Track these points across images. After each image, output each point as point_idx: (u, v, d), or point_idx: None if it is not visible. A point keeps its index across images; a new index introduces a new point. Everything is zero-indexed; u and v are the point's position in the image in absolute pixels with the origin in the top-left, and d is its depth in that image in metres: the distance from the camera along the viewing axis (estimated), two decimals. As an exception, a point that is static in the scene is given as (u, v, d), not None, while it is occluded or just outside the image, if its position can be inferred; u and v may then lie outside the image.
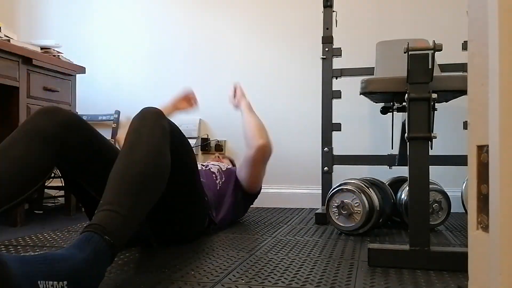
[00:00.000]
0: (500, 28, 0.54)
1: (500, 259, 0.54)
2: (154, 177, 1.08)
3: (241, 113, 2.00)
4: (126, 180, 1.02)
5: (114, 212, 0.95)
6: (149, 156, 1.09)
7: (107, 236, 0.90)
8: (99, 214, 0.95)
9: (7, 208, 1.07)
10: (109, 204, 0.96)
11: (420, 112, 1.26)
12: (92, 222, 0.92)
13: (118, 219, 0.95)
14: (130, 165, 1.05)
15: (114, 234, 0.92)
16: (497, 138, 0.55)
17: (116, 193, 0.99)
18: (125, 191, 1.00)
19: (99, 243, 0.89)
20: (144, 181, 1.04)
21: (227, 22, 2.79)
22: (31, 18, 3.07)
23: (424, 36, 2.15)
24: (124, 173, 1.04)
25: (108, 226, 0.92)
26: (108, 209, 0.95)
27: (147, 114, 1.20)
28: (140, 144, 1.11)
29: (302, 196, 2.62)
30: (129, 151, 1.09)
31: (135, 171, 1.04)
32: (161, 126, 1.18)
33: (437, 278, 1.12)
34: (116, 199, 0.98)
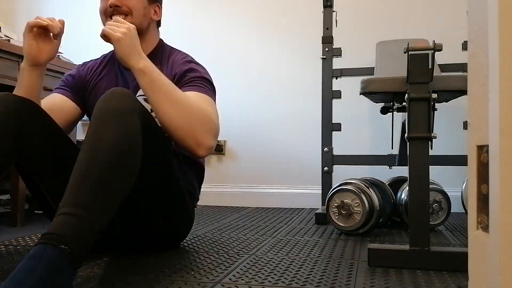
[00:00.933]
0: (500, 28, 0.54)
1: (500, 259, 0.54)
2: (119, 170, 0.96)
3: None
4: (87, 174, 0.92)
5: (71, 216, 0.86)
6: (114, 143, 0.96)
7: (63, 245, 0.82)
8: (55, 219, 0.86)
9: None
10: (67, 207, 0.88)
11: (420, 112, 1.26)
12: (47, 231, 0.84)
13: (75, 222, 0.86)
14: (92, 155, 0.94)
15: (72, 241, 0.83)
16: (497, 138, 0.55)
17: (75, 193, 0.90)
18: (85, 188, 0.90)
19: (53, 256, 0.80)
20: (108, 173, 0.93)
21: (227, 22, 2.79)
22: (31, 18, 3.06)
23: (424, 36, 2.15)
24: (84, 168, 0.93)
25: (64, 233, 0.83)
26: (65, 213, 0.87)
27: (113, 93, 1.04)
28: (104, 128, 0.98)
29: (302, 196, 2.62)
30: (92, 138, 0.97)
31: (97, 162, 0.93)
32: (129, 103, 1.04)
33: (437, 278, 1.12)
34: (74, 200, 0.89)
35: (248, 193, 2.69)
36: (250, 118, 2.73)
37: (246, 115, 2.74)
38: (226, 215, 2.25)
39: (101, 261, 1.27)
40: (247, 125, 2.73)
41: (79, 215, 0.87)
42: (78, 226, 0.86)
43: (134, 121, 1.02)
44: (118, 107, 1.01)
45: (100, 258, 1.30)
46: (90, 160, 0.94)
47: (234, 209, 2.52)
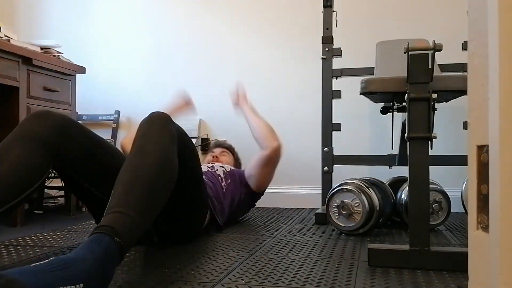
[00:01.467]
0: (500, 28, 0.54)
1: (500, 259, 0.54)
2: (163, 180, 1.10)
3: (244, 115, 2.05)
4: (136, 183, 1.03)
5: (124, 214, 0.96)
6: (158, 160, 1.10)
7: (117, 237, 0.91)
8: (109, 216, 0.96)
9: (1, 212, 1.09)
10: (119, 206, 0.98)
11: (420, 112, 1.26)
12: (102, 224, 0.93)
13: (127, 221, 0.96)
14: (139, 168, 1.07)
15: (123, 236, 0.93)
16: (497, 138, 0.55)
17: (125, 196, 1.01)
18: (134, 194, 1.01)
19: (109, 244, 0.90)
20: (153, 184, 1.06)
21: (227, 22, 2.79)
22: (31, 18, 3.07)
23: (424, 36, 2.15)
24: (133, 176, 1.05)
25: (118, 228, 0.93)
26: (118, 211, 0.96)
27: (156, 118, 1.21)
28: (149, 148, 1.12)
29: (302, 196, 2.62)
30: (138, 155, 1.11)
31: (144, 175, 1.05)
32: (169, 130, 1.20)
33: (437, 278, 1.12)
34: (125, 202, 0.99)
35: (248, 193, 2.68)
36: (250, 118, 2.73)
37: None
38: (226, 215, 2.25)
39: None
40: (247, 125, 2.72)
41: (131, 215, 0.97)
42: (129, 225, 0.96)
43: (170, 144, 1.18)
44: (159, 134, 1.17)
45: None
46: (138, 169, 1.07)
47: (234, 209, 2.52)
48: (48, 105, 2.14)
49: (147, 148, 1.12)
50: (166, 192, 1.12)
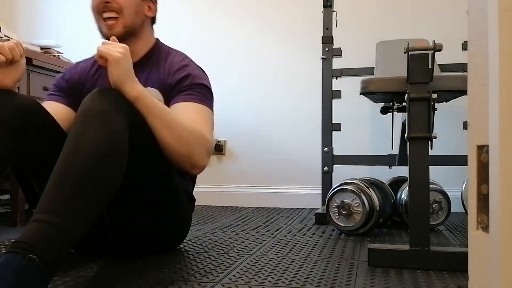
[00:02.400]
0: (500, 28, 0.54)
1: (500, 259, 0.54)
2: (102, 169, 0.92)
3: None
4: (64, 177, 0.88)
5: (43, 223, 0.83)
6: (96, 143, 0.92)
7: (31, 253, 0.78)
8: (28, 227, 0.83)
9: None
10: (41, 213, 0.84)
11: (420, 112, 1.26)
12: (17, 239, 0.81)
13: (48, 230, 0.82)
14: (71, 158, 0.91)
15: (42, 248, 0.80)
16: (497, 138, 0.55)
17: (50, 199, 0.86)
18: (61, 192, 0.87)
19: (21, 265, 0.77)
20: (87, 175, 0.89)
21: (227, 22, 2.79)
22: (31, 18, 3.07)
23: (424, 36, 2.15)
24: (63, 168, 0.90)
25: (35, 241, 0.80)
26: (38, 220, 0.83)
27: (98, 92, 1.01)
28: (86, 128, 0.94)
29: (302, 196, 2.62)
30: (72, 139, 0.93)
31: (76, 164, 0.89)
32: (113, 101, 1.00)
33: (437, 278, 1.12)
34: (49, 206, 0.86)
35: (248, 193, 2.69)
36: (250, 118, 2.73)
37: (246, 115, 2.74)
38: (226, 215, 2.25)
39: (101, 261, 1.27)
40: (247, 125, 2.73)
41: (53, 222, 0.83)
42: (51, 234, 0.82)
43: (119, 121, 0.98)
44: (101, 107, 0.97)
45: (100, 258, 1.30)
46: (67, 164, 0.90)
47: (234, 209, 2.52)
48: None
49: (82, 129, 0.94)
50: (108, 183, 0.94)
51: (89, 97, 1.00)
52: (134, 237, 1.27)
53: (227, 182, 2.74)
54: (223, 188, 2.73)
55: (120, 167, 0.97)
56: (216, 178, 2.74)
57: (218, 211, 2.41)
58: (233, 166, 2.74)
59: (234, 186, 2.73)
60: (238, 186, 2.72)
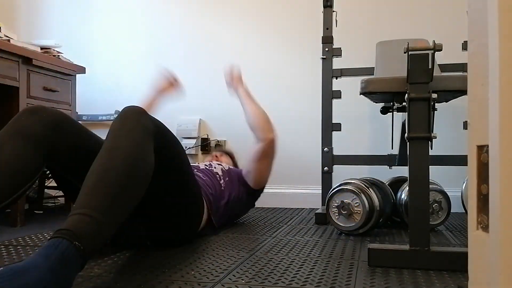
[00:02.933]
0: (500, 28, 0.54)
1: (500, 259, 0.54)
2: (133, 179, 1.03)
3: (239, 98, 1.97)
4: (102, 182, 0.97)
5: (87, 216, 0.90)
6: (128, 157, 1.04)
7: (77, 241, 0.85)
8: (70, 218, 0.90)
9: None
10: (82, 208, 0.92)
11: (420, 112, 1.26)
12: (62, 227, 0.88)
13: (90, 223, 0.90)
14: (108, 167, 1.00)
15: (85, 239, 0.87)
16: (497, 138, 0.55)
17: (90, 196, 0.95)
18: (100, 193, 0.95)
19: (67, 249, 0.84)
20: (121, 183, 0.99)
21: (227, 22, 2.79)
22: (31, 18, 3.07)
23: (424, 36, 2.15)
24: (101, 175, 0.99)
25: (78, 230, 0.87)
26: (80, 213, 0.91)
27: (128, 113, 1.15)
28: (119, 144, 1.06)
29: (302, 196, 2.62)
30: (108, 152, 1.04)
31: (112, 173, 0.99)
32: (143, 125, 1.13)
33: (437, 278, 1.12)
34: (89, 202, 0.93)
35: (248, 193, 2.68)
36: (250, 118, 2.73)
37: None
38: (226, 215, 2.25)
39: (102, 261, 1.27)
40: (247, 125, 2.72)
41: (94, 216, 0.91)
42: (93, 227, 0.90)
43: (146, 141, 1.12)
44: (132, 129, 1.11)
45: (100, 258, 1.30)
46: (107, 167, 1.00)
47: (234, 209, 2.51)
48: (48, 105, 2.13)
49: (117, 145, 1.05)
50: (137, 190, 1.05)
51: (118, 115, 1.15)
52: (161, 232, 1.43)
53: (227, 182, 2.74)
54: (223, 188, 2.73)
55: (148, 174, 1.09)
56: (216, 178, 2.73)
57: (218, 211, 2.40)
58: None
59: (234, 186, 2.72)
60: (238, 186, 2.72)
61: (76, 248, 0.85)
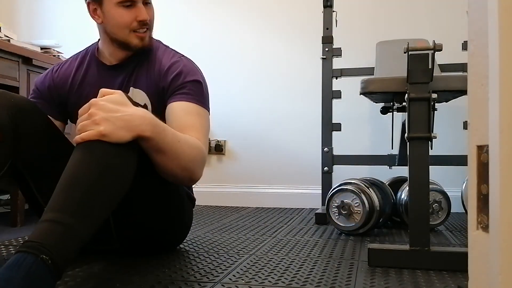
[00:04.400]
0: (500, 28, 0.54)
1: (500, 259, 0.54)
2: (113, 174, 0.92)
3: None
4: (77, 180, 0.88)
5: (56, 223, 0.82)
6: (107, 150, 0.92)
7: (44, 254, 0.78)
8: (39, 226, 0.82)
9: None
10: (52, 212, 0.84)
11: (420, 112, 1.26)
12: (28, 239, 0.81)
13: (60, 230, 0.81)
14: (83, 161, 0.90)
15: (54, 250, 0.79)
16: (497, 138, 0.55)
17: (63, 197, 0.86)
18: (74, 193, 0.86)
19: (33, 265, 0.77)
20: (99, 180, 0.89)
21: (227, 21, 2.79)
22: (31, 18, 3.07)
23: (424, 36, 2.15)
24: (75, 171, 0.89)
25: (46, 241, 0.79)
26: (50, 219, 0.83)
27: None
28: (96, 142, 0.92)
29: (302, 196, 2.62)
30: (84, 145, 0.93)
31: (88, 168, 0.89)
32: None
33: (437, 278, 1.12)
34: (61, 206, 0.85)
35: (248, 193, 2.69)
36: (250, 118, 2.73)
37: (246, 115, 2.74)
38: (226, 215, 2.25)
39: (101, 261, 1.27)
40: (247, 125, 2.73)
41: (65, 222, 0.83)
42: (63, 235, 0.82)
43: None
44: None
45: (100, 259, 1.30)
46: (81, 166, 0.90)
47: (234, 209, 2.52)
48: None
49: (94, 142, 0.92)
50: (117, 188, 0.94)
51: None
52: (136, 237, 1.27)
53: (227, 182, 2.74)
54: (223, 188, 2.73)
55: (128, 177, 0.97)
56: (216, 178, 2.74)
57: (218, 211, 2.41)
58: (233, 166, 2.74)
59: (234, 186, 2.73)
60: (238, 186, 2.72)
61: (44, 262, 0.78)
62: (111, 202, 0.94)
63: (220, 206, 2.62)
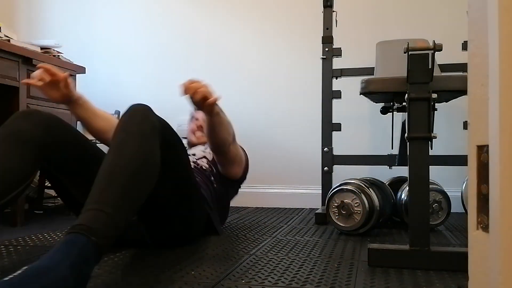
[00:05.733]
0: (500, 28, 0.54)
1: (500, 259, 0.54)
2: (143, 175, 1.05)
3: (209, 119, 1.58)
4: (113, 178, 0.99)
5: (100, 211, 0.92)
6: (137, 154, 1.05)
7: (93, 236, 0.88)
8: (84, 214, 0.92)
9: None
10: (95, 203, 0.94)
11: (420, 112, 1.26)
12: (77, 223, 0.89)
13: (104, 218, 0.92)
14: (118, 163, 1.02)
15: (100, 234, 0.89)
16: (497, 138, 0.55)
17: (102, 192, 0.97)
18: (111, 189, 0.97)
19: (85, 245, 0.86)
20: (131, 179, 1.01)
21: (227, 22, 2.79)
22: (31, 18, 3.07)
23: (424, 36, 2.15)
24: (111, 171, 1.01)
25: (93, 226, 0.89)
26: (94, 208, 0.93)
27: (136, 111, 1.15)
28: (128, 141, 1.07)
29: (302, 196, 2.62)
30: (117, 149, 1.06)
31: (122, 169, 1.01)
32: (150, 122, 1.14)
33: (437, 278, 1.12)
34: (102, 198, 0.95)
35: (248, 193, 2.69)
36: (250, 118, 2.73)
37: (246, 115, 2.74)
38: (226, 215, 2.25)
39: (101, 261, 1.27)
40: (247, 125, 2.72)
41: (107, 211, 0.92)
42: (106, 222, 0.92)
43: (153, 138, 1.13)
44: (140, 126, 1.11)
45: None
46: (116, 164, 1.02)
47: (234, 209, 2.52)
48: (48, 105, 2.13)
49: (126, 141, 1.07)
50: (146, 186, 1.07)
51: (127, 114, 1.14)
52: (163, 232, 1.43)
53: (227, 182, 2.74)
54: (223, 188, 2.73)
55: (154, 173, 1.11)
56: (216, 178, 2.73)
57: (218, 211, 2.40)
58: (233, 166, 2.74)
59: (234, 186, 2.72)
60: (238, 186, 2.72)
61: (93, 243, 0.87)
62: (142, 197, 1.05)
63: (220, 206, 2.61)
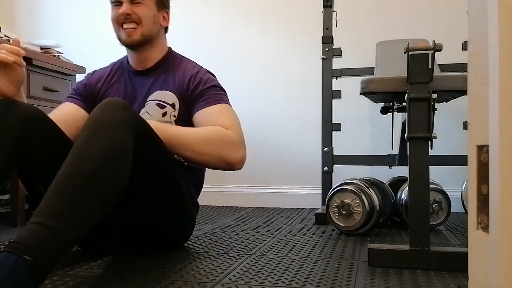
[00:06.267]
0: (500, 28, 0.54)
1: (500, 259, 0.54)
2: (102, 181, 0.93)
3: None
4: (63, 185, 0.90)
5: (41, 225, 0.83)
6: (101, 146, 0.94)
7: (27, 255, 0.79)
8: (25, 228, 0.84)
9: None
10: (40, 215, 0.85)
11: (420, 112, 1.26)
12: (13, 240, 0.82)
13: (44, 233, 0.83)
14: (73, 169, 0.92)
15: (38, 252, 0.80)
16: (497, 138, 0.55)
17: (50, 203, 0.88)
18: (59, 197, 0.88)
19: (15, 265, 0.77)
20: (87, 181, 0.91)
21: (227, 21, 2.79)
22: (31, 18, 3.07)
23: (424, 36, 2.15)
24: (64, 174, 0.91)
25: (30, 243, 0.80)
26: (36, 222, 0.84)
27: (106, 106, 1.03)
28: (91, 143, 0.95)
29: (302, 196, 2.62)
30: (76, 148, 0.95)
31: (76, 171, 0.91)
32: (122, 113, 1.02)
33: (437, 278, 1.12)
34: (48, 210, 0.86)
35: (248, 193, 2.69)
36: (250, 118, 2.73)
37: (246, 115, 2.72)
38: (226, 215, 2.25)
39: (101, 261, 1.27)
40: (247, 125, 2.69)
41: (51, 225, 0.84)
42: (48, 237, 0.83)
43: (124, 133, 1.01)
44: (108, 119, 1.00)
45: (100, 258, 1.30)
46: (70, 170, 0.92)
47: (234, 209, 2.52)
48: (48, 105, 2.13)
49: (88, 144, 0.95)
50: (111, 189, 0.96)
51: (97, 108, 1.03)
52: (139, 235, 1.31)
53: (227, 182, 2.74)
54: (223, 188, 2.73)
55: (123, 174, 0.99)
56: (216, 178, 2.73)
57: (218, 211, 2.41)
58: (233, 166, 2.74)
59: (234, 186, 2.73)
60: (238, 186, 2.72)
61: (26, 263, 0.78)
62: (102, 201, 0.94)
63: (220, 206, 2.62)
